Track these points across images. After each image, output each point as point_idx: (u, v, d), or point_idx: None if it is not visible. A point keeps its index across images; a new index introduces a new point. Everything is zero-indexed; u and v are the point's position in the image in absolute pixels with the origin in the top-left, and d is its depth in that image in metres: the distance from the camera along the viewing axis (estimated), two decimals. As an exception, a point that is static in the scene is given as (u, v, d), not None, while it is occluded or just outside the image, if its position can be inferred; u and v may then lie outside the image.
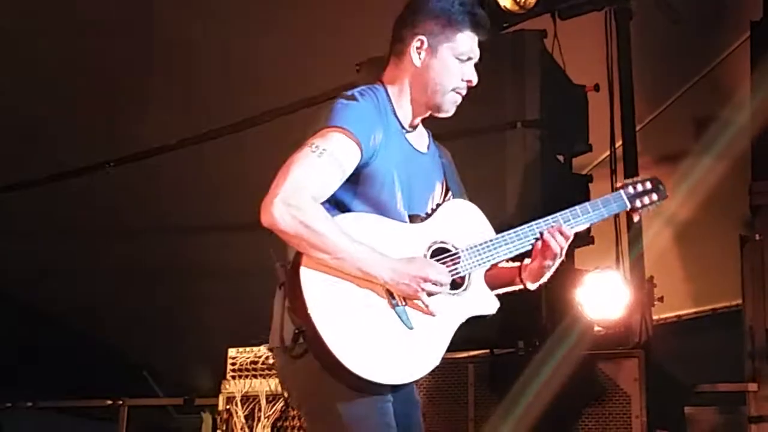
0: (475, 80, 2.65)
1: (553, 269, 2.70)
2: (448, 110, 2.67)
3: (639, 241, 4.67)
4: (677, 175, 5.61)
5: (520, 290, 2.76)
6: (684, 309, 7.08)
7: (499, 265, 2.69)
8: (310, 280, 2.38)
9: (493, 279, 2.70)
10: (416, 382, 2.50)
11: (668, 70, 6.07)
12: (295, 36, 5.77)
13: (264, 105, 6.05)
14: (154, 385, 8.19)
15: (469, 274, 2.58)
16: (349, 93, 2.56)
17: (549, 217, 2.68)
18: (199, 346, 7.10)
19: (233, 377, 4.79)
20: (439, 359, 2.49)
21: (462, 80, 2.63)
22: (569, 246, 4.50)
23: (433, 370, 2.49)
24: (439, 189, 2.74)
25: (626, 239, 4.65)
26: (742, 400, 4.69)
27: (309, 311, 2.35)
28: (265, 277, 2.55)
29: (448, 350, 2.51)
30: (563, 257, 2.68)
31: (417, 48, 2.62)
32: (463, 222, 2.67)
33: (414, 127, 2.70)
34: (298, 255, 2.41)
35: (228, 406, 4.75)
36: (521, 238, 2.64)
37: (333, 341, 2.34)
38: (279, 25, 5.76)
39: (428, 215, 2.65)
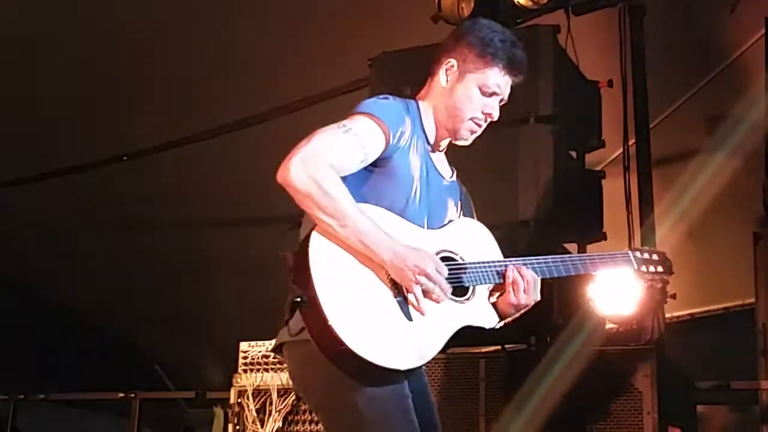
0: (495, 115, 2.68)
1: (516, 314, 2.68)
2: (464, 138, 2.70)
3: (651, 237, 4.66)
4: (690, 172, 5.59)
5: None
6: (697, 307, 7.06)
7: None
8: (318, 248, 2.40)
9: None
10: (405, 373, 2.45)
11: (682, 67, 6.04)
12: (308, 31, 5.78)
13: (276, 101, 6.07)
14: (165, 379, 8.21)
15: (474, 287, 2.61)
16: (383, 95, 2.63)
17: (558, 257, 2.72)
18: (211, 341, 7.13)
19: (245, 371, 4.80)
20: (430, 357, 2.49)
21: (482, 112, 2.66)
22: (583, 244, 4.57)
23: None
24: (453, 213, 2.77)
25: (639, 236, 4.64)
26: (755, 399, 4.68)
27: (312, 278, 2.35)
28: (277, 272, 2.56)
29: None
30: (527, 305, 2.65)
31: (446, 69, 2.68)
32: (473, 239, 2.71)
33: (438, 150, 2.75)
34: (312, 227, 2.42)
35: (239, 400, 4.76)
36: (527, 266, 2.65)
37: (330, 310, 2.33)
38: (292, 21, 5.77)
39: (441, 227, 2.68)
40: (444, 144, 2.77)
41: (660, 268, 2.86)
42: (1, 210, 6.99)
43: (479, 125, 2.68)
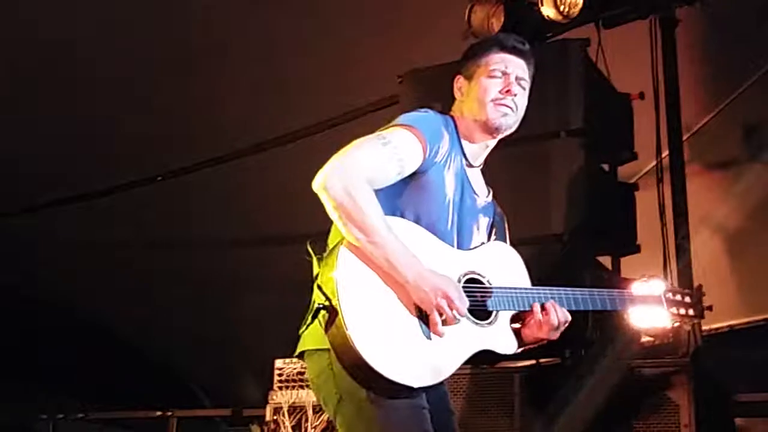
0: (514, 90, 2.72)
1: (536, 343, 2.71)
2: (497, 120, 2.72)
3: (686, 249, 4.62)
4: (726, 182, 5.54)
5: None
6: (736, 318, 6.97)
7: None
8: (345, 259, 2.42)
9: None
10: (416, 390, 2.45)
11: (716, 77, 6.00)
12: (339, 49, 5.81)
13: (306, 119, 6.11)
14: (201, 396, 8.25)
15: (497, 312, 2.61)
16: (424, 108, 2.69)
17: (587, 291, 2.74)
18: (247, 358, 7.16)
19: (280, 388, 4.82)
20: (446, 377, 2.51)
21: (500, 92, 2.71)
22: (616, 256, 4.53)
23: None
24: (484, 234, 2.79)
25: (673, 247, 4.61)
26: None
27: (337, 288, 2.37)
28: (308, 289, 2.58)
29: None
30: (554, 336, 2.68)
31: (457, 86, 2.80)
32: (503, 263, 2.73)
33: (475, 165, 2.79)
34: (339, 241, 2.45)
35: (275, 417, 4.78)
36: (554, 297, 2.67)
37: (351, 321, 2.36)
38: (324, 39, 5.80)
39: (472, 249, 2.70)
40: (481, 159, 2.81)
41: (691, 312, 2.93)
42: (39, 231, 7.08)
43: (504, 104, 2.71)
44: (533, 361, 4.45)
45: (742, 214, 5.72)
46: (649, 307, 2.88)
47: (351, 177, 2.42)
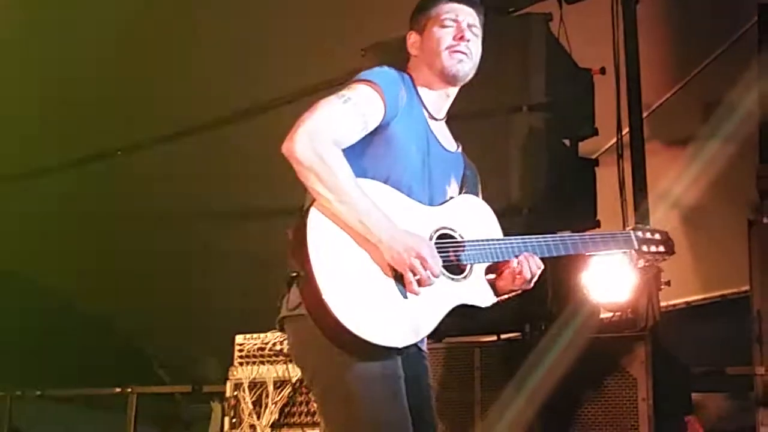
0: (467, 36, 2.72)
1: (513, 294, 2.72)
2: (453, 67, 2.71)
3: (645, 224, 4.65)
4: (685, 158, 5.58)
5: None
6: (693, 295, 7.05)
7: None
8: (315, 224, 2.42)
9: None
10: (400, 351, 2.45)
11: (676, 55, 6.04)
12: (302, 23, 5.77)
13: (272, 92, 6.06)
14: (161, 374, 8.20)
15: (471, 265, 2.61)
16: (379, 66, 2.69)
17: (558, 236, 2.73)
18: (208, 334, 7.11)
19: (240, 364, 4.79)
20: (424, 335, 2.51)
21: (453, 39, 2.71)
22: (576, 231, 4.55)
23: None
24: (455, 186, 2.78)
25: (633, 223, 4.64)
26: (750, 386, 4.67)
27: (308, 253, 2.37)
28: (273, 264, 2.56)
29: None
30: (528, 286, 2.68)
31: (410, 43, 2.80)
32: (474, 216, 2.72)
33: (438, 118, 2.78)
34: (309, 205, 2.45)
35: (236, 393, 4.76)
36: (527, 246, 2.66)
37: (325, 285, 2.35)
38: (286, 11, 5.75)
39: (442, 203, 2.69)
40: (443, 111, 2.80)
41: (661, 248, 2.86)
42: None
43: (459, 51, 2.71)
44: (494, 337, 4.48)
45: (699, 191, 5.77)
46: (619, 247, 2.81)
47: (318, 139, 2.42)
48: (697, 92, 6.13)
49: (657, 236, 2.87)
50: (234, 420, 4.71)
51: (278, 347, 4.66)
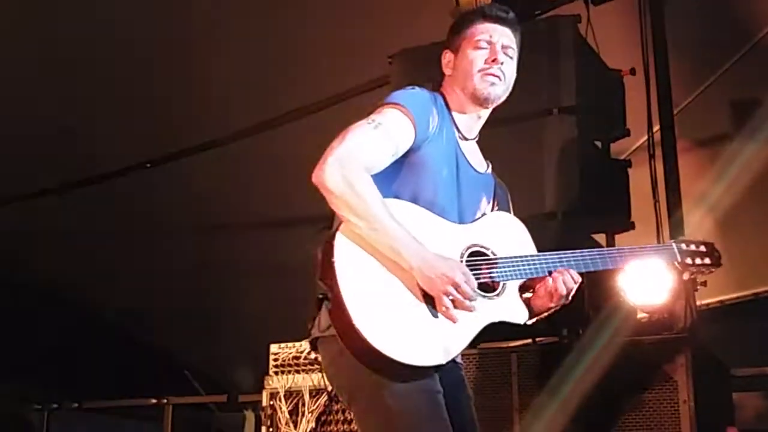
0: (501, 59, 2.70)
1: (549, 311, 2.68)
2: (485, 90, 2.70)
3: (680, 226, 4.61)
4: (716, 157, 5.53)
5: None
6: (726, 294, 6.99)
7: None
8: (344, 247, 2.41)
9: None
10: (436, 369, 2.44)
11: (706, 52, 5.98)
12: (327, 31, 5.77)
13: (297, 102, 6.07)
14: (195, 384, 8.24)
15: (504, 283, 2.59)
16: (411, 86, 2.67)
17: (596, 251, 2.72)
18: (241, 344, 7.14)
19: (276, 373, 4.80)
20: (456, 354, 2.49)
21: (486, 62, 2.70)
22: (611, 234, 4.53)
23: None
24: (486, 206, 2.77)
25: (668, 225, 4.60)
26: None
27: (336, 276, 2.36)
28: (306, 274, 2.56)
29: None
30: (566, 301, 2.66)
31: (445, 62, 2.80)
32: (506, 233, 2.70)
33: (469, 138, 2.77)
34: (338, 226, 2.44)
35: (271, 402, 4.76)
36: (562, 262, 2.64)
37: (354, 308, 2.34)
38: (311, 21, 5.76)
39: (473, 221, 2.68)
40: (475, 131, 2.79)
41: (707, 260, 2.79)
42: (29, 218, 7.03)
43: (491, 74, 2.70)
44: (530, 341, 4.45)
45: (734, 191, 5.71)
46: (660, 260, 2.75)
47: (349, 166, 2.41)
48: (728, 89, 6.07)
49: (702, 248, 2.81)
50: (271, 429, 4.72)
51: (313, 356, 4.66)
